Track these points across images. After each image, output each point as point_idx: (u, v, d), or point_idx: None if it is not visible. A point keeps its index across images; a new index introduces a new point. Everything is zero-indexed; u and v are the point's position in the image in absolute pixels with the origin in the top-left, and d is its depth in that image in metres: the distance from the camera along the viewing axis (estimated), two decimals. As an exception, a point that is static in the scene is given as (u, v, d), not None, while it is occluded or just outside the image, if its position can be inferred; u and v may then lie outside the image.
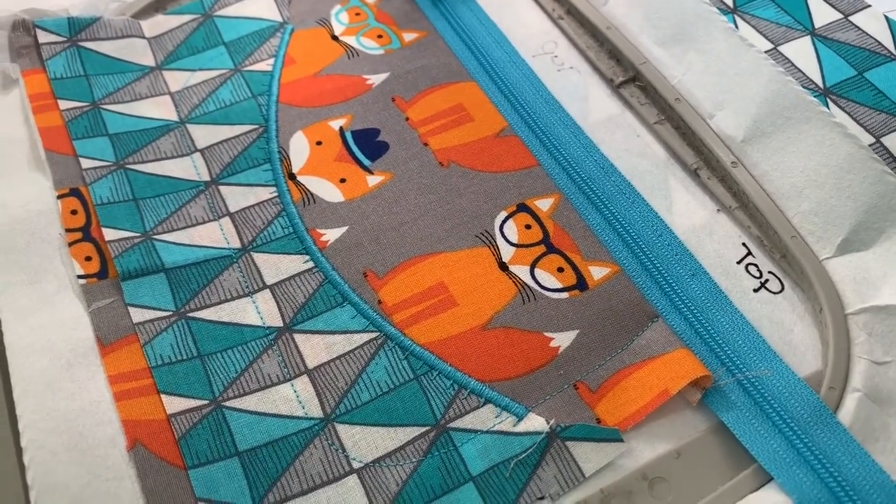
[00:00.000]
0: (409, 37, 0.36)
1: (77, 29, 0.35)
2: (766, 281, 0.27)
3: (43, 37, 0.35)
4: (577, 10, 0.35)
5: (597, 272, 0.28)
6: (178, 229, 0.29)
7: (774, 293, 0.27)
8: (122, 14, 0.36)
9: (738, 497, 0.23)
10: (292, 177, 0.31)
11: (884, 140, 0.30)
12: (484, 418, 0.25)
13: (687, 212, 0.29)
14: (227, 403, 0.25)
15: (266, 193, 0.31)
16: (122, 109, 0.33)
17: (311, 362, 0.26)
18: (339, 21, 0.37)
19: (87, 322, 0.26)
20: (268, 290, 0.28)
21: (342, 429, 0.25)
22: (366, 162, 0.31)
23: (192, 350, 0.26)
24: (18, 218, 0.29)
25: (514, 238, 0.29)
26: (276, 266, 0.29)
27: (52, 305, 0.27)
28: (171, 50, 0.36)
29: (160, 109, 0.33)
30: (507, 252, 0.28)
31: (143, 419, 0.25)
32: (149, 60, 0.35)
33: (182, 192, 0.31)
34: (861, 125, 0.30)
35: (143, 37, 0.36)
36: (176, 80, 0.35)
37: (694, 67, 0.31)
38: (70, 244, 0.28)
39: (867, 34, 0.34)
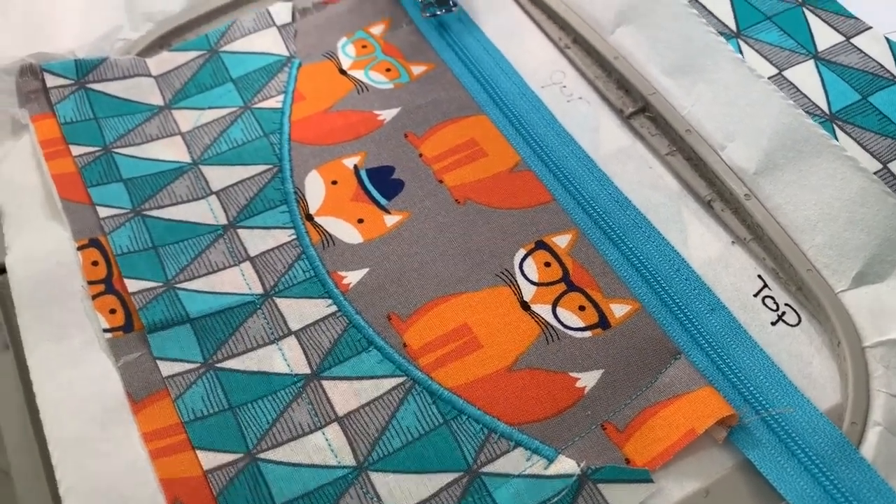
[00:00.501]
0: (417, 70, 0.36)
1: (84, 71, 0.35)
2: (783, 314, 0.28)
3: (51, 80, 0.34)
4: (583, 38, 0.35)
5: (618, 310, 0.28)
6: (200, 276, 0.30)
7: (792, 326, 0.28)
8: (127, 53, 0.36)
9: (768, 536, 0.23)
10: (310, 218, 0.31)
11: (891, 166, 0.30)
12: (515, 462, 0.25)
13: (702, 244, 0.29)
14: (262, 455, 0.26)
15: (285, 236, 0.31)
16: (135, 152, 0.33)
17: (341, 409, 0.27)
18: (346, 54, 0.37)
19: (117, 377, 0.27)
20: (293, 337, 0.28)
21: (376, 477, 0.25)
22: (382, 201, 0.32)
23: (223, 402, 0.27)
24: (40, 272, 0.29)
25: (534, 277, 0.29)
26: (299, 311, 0.29)
27: (80, 361, 0.27)
28: (179, 88, 0.36)
29: (172, 151, 0.33)
30: (528, 291, 0.29)
31: (181, 476, 0.25)
32: (157, 99, 0.35)
33: (201, 238, 0.31)
34: (868, 151, 0.31)
35: (150, 75, 0.36)
36: (186, 119, 0.35)
37: (703, 98, 0.32)
38: (93, 297, 0.29)
39: (869, 57, 0.34)
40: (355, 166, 0.33)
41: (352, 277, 0.30)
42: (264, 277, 0.30)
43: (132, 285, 0.29)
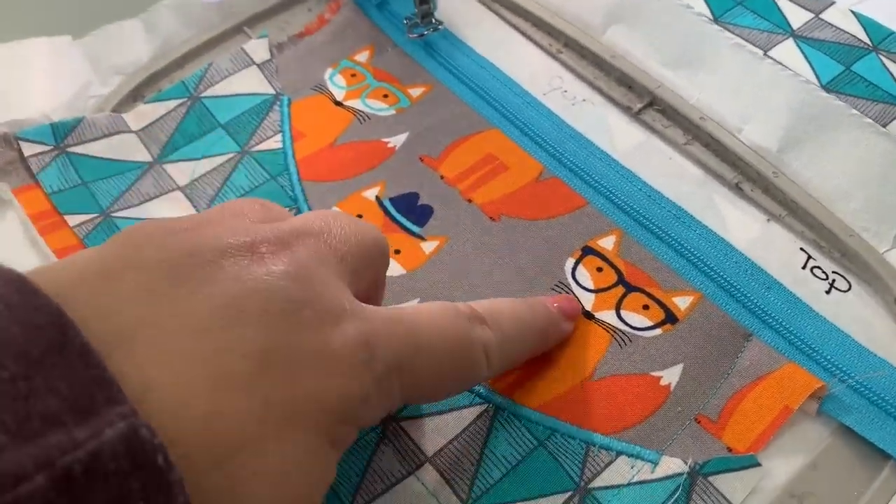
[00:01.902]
0: (415, 92, 0.35)
1: (62, 134, 0.32)
2: (834, 281, 0.29)
3: (28, 149, 0.32)
4: (575, 42, 0.35)
5: (681, 302, 0.28)
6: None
7: (844, 292, 0.28)
8: (101, 109, 0.34)
9: (888, 496, 0.24)
10: (343, 257, 0.30)
11: (889, 128, 0.32)
12: (621, 471, 0.25)
13: (741, 226, 0.30)
14: (363, 511, 0.24)
15: (321, 279, 0.29)
16: (136, 214, 0.31)
17: (429, 450, 0.25)
18: (337, 85, 0.36)
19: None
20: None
21: (485, 513, 0.24)
22: (415, 229, 0.31)
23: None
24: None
25: (589, 284, 0.29)
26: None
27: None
28: (166, 140, 0.33)
29: (175, 207, 0.31)
30: (587, 300, 0.28)
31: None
32: (144, 156, 0.33)
33: None
34: (867, 117, 0.32)
35: (131, 131, 0.33)
36: (181, 172, 0.32)
37: (709, 86, 0.33)
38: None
39: (841, 30, 0.36)
40: (377, 197, 0.32)
41: (403, 311, 0.28)
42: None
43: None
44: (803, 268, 0.29)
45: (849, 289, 0.28)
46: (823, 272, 0.29)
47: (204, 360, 0.17)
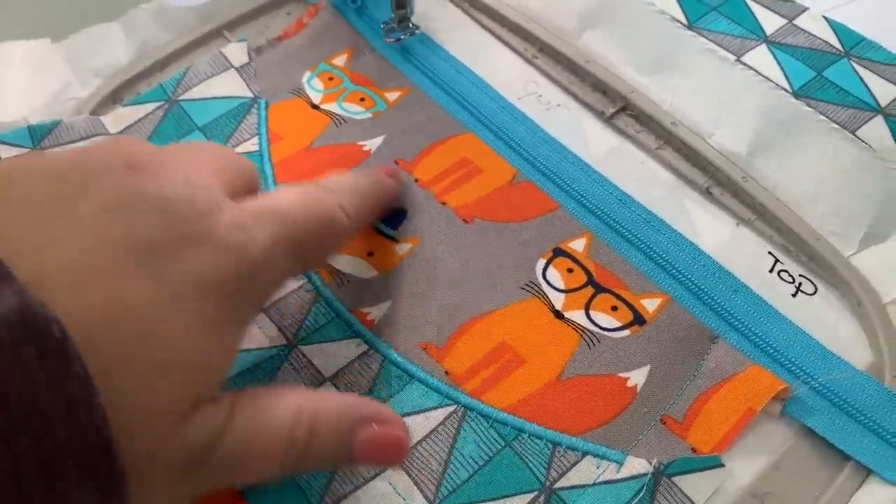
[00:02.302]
0: (392, 96, 0.35)
1: (39, 137, 0.32)
2: (800, 284, 0.29)
3: (5, 151, 0.32)
4: (550, 47, 0.36)
5: (649, 304, 0.28)
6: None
7: (810, 295, 0.29)
8: (79, 112, 0.34)
9: (846, 497, 0.24)
10: (316, 259, 0.30)
11: (858, 133, 0.32)
12: (587, 471, 0.25)
13: (710, 230, 0.30)
14: (329, 514, 0.24)
15: (294, 282, 0.29)
16: (112, 216, 0.31)
17: (397, 450, 0.26)
18: (314, 88, 0.36)
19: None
20: (329, 384, 0.27)
21: (451, 513, 0.24)
22: (388, 231, 0.31)
23: (274, 464, 0.25)
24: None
25: (559, 284, 0.29)
26: (330, 355, 0.28)
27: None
28: (143, 143, 0.34)
29: (151, 209, 0.31)
30: (557, 299, 0.29)
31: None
32: (121, 158, 0.33)
33: None
34: (834, 122, 0.33)
35: (108, 133, 0.34)
36: (158, 175, 0.33)
37: (682, 91, 0.33)
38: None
39: (814, 35, 0.36)
40: (351, 200, 0.32)
41: (375, 313, 0.29)
42: (284, 329, 0.28)
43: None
44: (770, 271, 0.29)
45: (815, 292, 0.29)
46: (790, 276, 0.29)
47: (94, 252, 0.18)
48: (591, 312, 0.28)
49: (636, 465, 0.25)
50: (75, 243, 0.18)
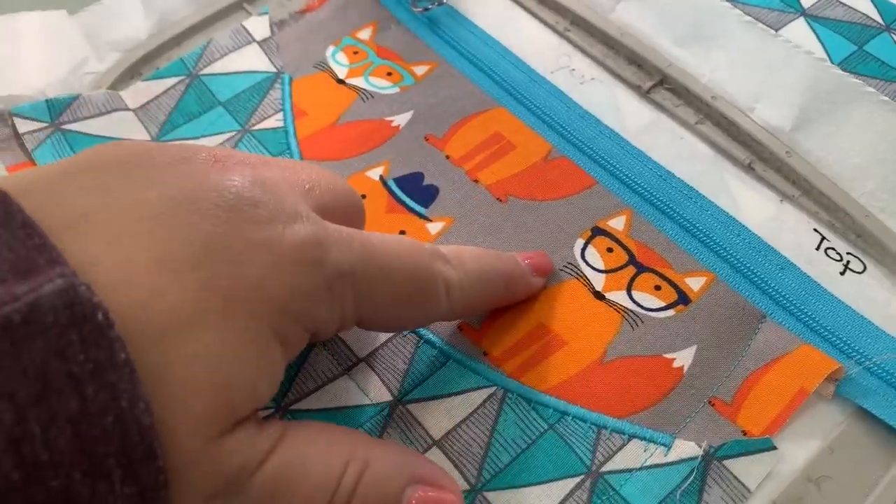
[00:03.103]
0: (419, 70, 0.34)
1: (57, 111, 0.31)
2: (849, 262, 0.28)
3: (22, 125, 0.31)
4: (583, 20, 0.35)
5: (694, 283, 0.27)
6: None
7: (859, 273, 0.28)
8: (97, 87, 0.33)
9: (906, 480, 0.23)
10: (347, 237, 0.29)
11: (903, 108, 0.31)
12: (634, 455, 0.24)
13: (753, 206, 0.29)
14: (369, 497, 0.23)
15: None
16: (134, 194, 0.30)
17: (436, 433, 0.25)
18: (339, 62, 0.35)
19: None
20: (364, 364, 0.26)
21: (494, 496, 0.24)
22: (420, 209, 0.30)
23: (310, 447, 0.24)
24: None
25: (599, 265, 0.28)
26: (364, 336, 0.27)
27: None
28: (164, 119, 0.33)
29: (174, 187, 0.30)
30: (597, 280, 0.28)
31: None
32: (141, 134, 0.32)
33: None
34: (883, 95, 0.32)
35: (128, 108, 0.33)
36: (180, 151, 0.32)
37: (721, 64, 0.32)
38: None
39: (853, 8, 0.35)
40: (381, 177, 0.31)
41: (409, 293, 0.28)
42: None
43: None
44: (817, 249, 0.28)
45: (864, 270, 0.28)
46: (837, 253, 0.28)
47: (149, 243, 0.17)
48: (634, 292, 0.27)
49: (685, 448, 0.24)
50: (130, 231, 0.17)
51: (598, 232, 0.29)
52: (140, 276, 0.17)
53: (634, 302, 0.27)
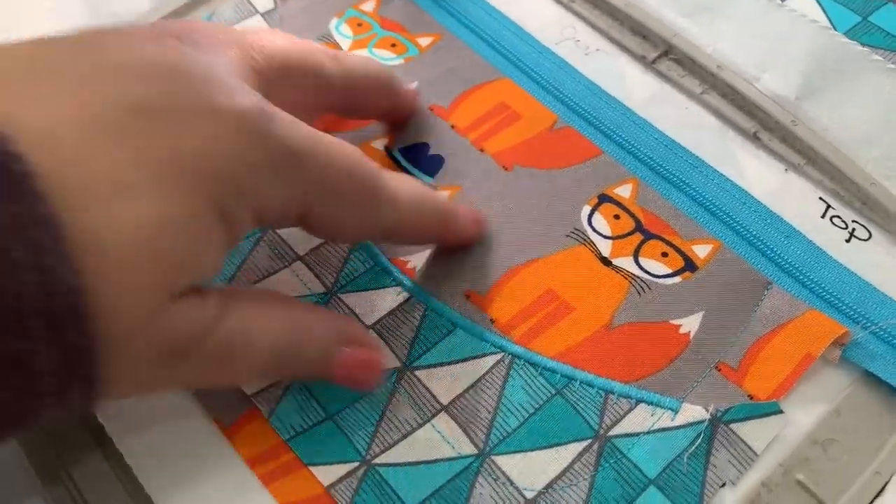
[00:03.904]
0: (424, 41, 0.34)
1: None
2: (854, 230, 0.28)
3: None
4: (587, -9, 0.34)
5: (701, 250, 0.28)
6: (254, 283, 0.27)
7: (864, 240, 0.28)
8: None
9: (914, 442, 0.23)
10: (352, 207, 0.29)
11: (908, 78, 0.31)
12: (641, 419, 0.24)
13: (759, 175, 0.29)
14: (378, 460, 0.23)
15: (330, 229, 0.28)
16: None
17: (444, 398, 0.25)
18: (342, 34, 0.35)
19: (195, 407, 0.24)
20: (371, 332, 0.26)
21: (502, 461, 0.24)
22: (427, 179, 0.30)
23: (319, 412, 0.24)
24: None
25: (606, 231, 0.28)
26: (370, 303, 0.27)
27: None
28: (168, 90, 0.32)
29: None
30: (604, 246, 0.28)
31: (303, 497, 0.22)
32: (145, 106, 0.32)
33: (241, 244, 0.28)
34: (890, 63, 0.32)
35: (131, 80, 0.32)
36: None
37: (726, 34, 0.32)
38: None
39: (858, -21, 0.35)
40: (386, 148, 0.31)
41: (415, 261, 0.28)
42: (322, 276, 0.27)
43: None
44: (822, 217, 0.28)
45: (869, 237, 0.28)
46: (843, 221, 0.28)
47: (81, 107, 0.17)
48: (641, 259, 0.27)
49: (692, 412, 0.24)
50: (60, 91, 0.17)
51: (604, 199, 0.29)
52: (67, 138, 0.16)
53: (641, 268, 0.27)
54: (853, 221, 0.28)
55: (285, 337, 0.21)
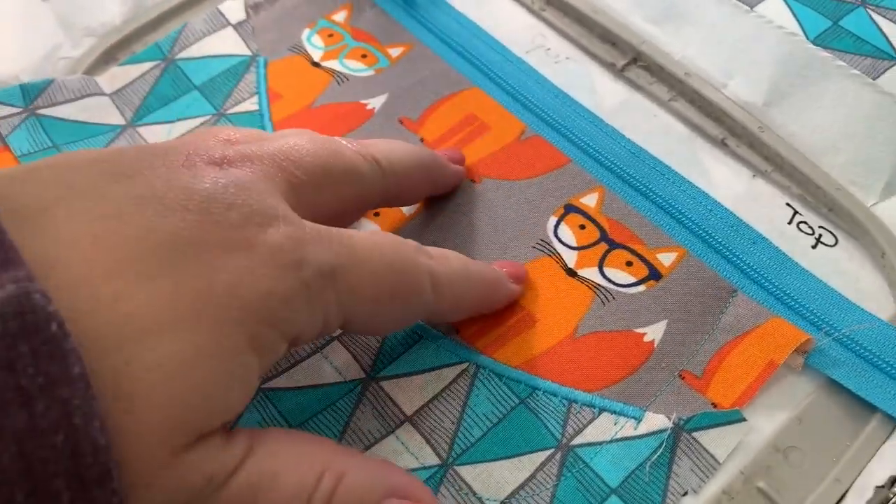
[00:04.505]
0: (394, 52, 0.34)
1: (32, 96, 0.31)
2: (820, 236, 0.28)
3: (-4, 111, 0.31)
4: (557, -1, 0.35)
5: (665, 258, 0.28)
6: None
7: (830, 246, 0.28)
8: (72, 72, 0.33)
9: (873, 449, 0.23)
10: (320, 218, 0.29)
11: (877, 81, 0.31)
12: (604, 428, 0.24)
13: (726, 182, 0.29)
14: (340, 472, 0.24)
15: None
16: (108, 178, 0.30)
17: (408, 408, 0.25)
18: (314, 45, 0.35)
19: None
20: (336, 342, 0.26)
21: (465, 471, 0.24)
22: (394, 190, 0.30)
23: (281, 424, 0.24)
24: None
25: (572, 242, 0.28)
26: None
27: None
28: (139, 103, 0.33)
29: (149, 170, 0.30)
30: (570, 257, 0.28)
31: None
32: (117, 119, 0.32)
33: None
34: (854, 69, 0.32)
35: (104, 93, 0.33)
36: (155, 134, 0.32)
37: (693, 40, 0.32)
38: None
39: (829, -16, 0.35)
40: (355, 158, 0.31)
41: (382, 272, 0.28)
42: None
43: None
44: (789, 223, 0.28)
45: (835, 243, 0.28)
46: (810, 227, 0.28)
47: (114, 244, 0.17)
48: (606, 269, 0.28)
49: (655, 421, 0.24)
50: (95, 230, 0.16)
51: (570, 209, 0.29)
52: (101, 279, 0.16)
53: (606, 278, 0.27)
54: (820, 227, 0.28)
55: (319, 484, 0.19)
